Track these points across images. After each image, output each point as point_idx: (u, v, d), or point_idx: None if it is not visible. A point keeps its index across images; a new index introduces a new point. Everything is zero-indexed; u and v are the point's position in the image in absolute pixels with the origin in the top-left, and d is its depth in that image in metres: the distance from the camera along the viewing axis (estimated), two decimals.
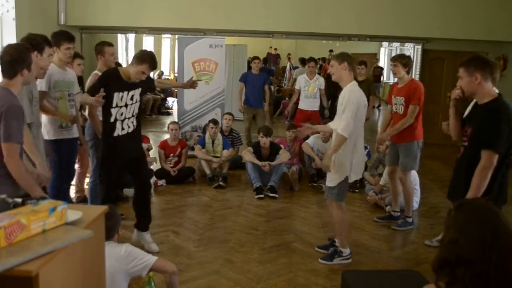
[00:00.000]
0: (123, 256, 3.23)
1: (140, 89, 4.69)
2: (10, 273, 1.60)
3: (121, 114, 4.60)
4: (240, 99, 9.29)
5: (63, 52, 4.94)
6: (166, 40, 18.88)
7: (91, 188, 5.51)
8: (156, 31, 11.76)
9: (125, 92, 4.57)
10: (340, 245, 4.77)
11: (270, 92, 10.25)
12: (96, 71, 5.46)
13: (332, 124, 4.70)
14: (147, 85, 4.87)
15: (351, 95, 4.41)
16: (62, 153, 4.59)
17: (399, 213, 6.00)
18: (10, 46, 3.29)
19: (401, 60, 5.58)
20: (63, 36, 4.98)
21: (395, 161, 5.74)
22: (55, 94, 4.92)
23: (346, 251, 4.75)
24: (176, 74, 14.53)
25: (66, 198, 4.96)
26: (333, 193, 4.60)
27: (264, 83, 9.16)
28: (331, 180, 4.61)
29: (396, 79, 5.88)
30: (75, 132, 5.21)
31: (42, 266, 1.66)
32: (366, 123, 5.47)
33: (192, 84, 5.49)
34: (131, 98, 4.63)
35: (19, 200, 2.08)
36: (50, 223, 1.91)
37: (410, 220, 5.85)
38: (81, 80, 6.25)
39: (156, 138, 10.18)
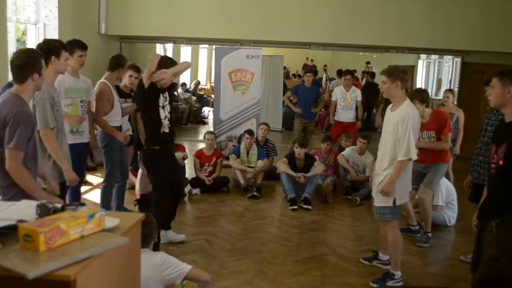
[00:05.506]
0: (158, 264, 3.26)
1: (166, 92, 5.02)
2: (49, 277, 1.62)
3: (164, 115, 4.99)
4: (290, 102, 9.54)
5: (76, 59, 5.03)
6: (203, 50, 19.08)
7: (102, 191, 5.68)
8: (194, 41, 11.90)
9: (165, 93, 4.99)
10: (392, 268, 4.61)
11: (323, 101, 10.76)
12: (104, 80, 5.61)
13: (381, 145, 4.49)
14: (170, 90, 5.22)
15: (409, 116, 4.18)
16: (71, 158, 4.49)
17: (417, 227, 5.92)
18: (20, 51, 3.29)
19: (418, 96, 5.29)
20: (76, 44, 5.07)
21: (416, 182, 5.54)
22: (65, 100, 4.96)
23: (398, 274, 4.57)
24: (212, 84, 14.65)
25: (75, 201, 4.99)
26: (385, 213, 4.42)
27: (317, 96, 9.27)
28: (383, 200, 4.40)
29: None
30: (85, 138, 5.23)
31: (80, 271, 1.68)
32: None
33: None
34: (166, 100, 5.01)
35: (58, 205, 2.12)
36: (88, 229, 1.93)
37: (430, 235, 5.76)
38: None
39: (192, 147, 10.26)
